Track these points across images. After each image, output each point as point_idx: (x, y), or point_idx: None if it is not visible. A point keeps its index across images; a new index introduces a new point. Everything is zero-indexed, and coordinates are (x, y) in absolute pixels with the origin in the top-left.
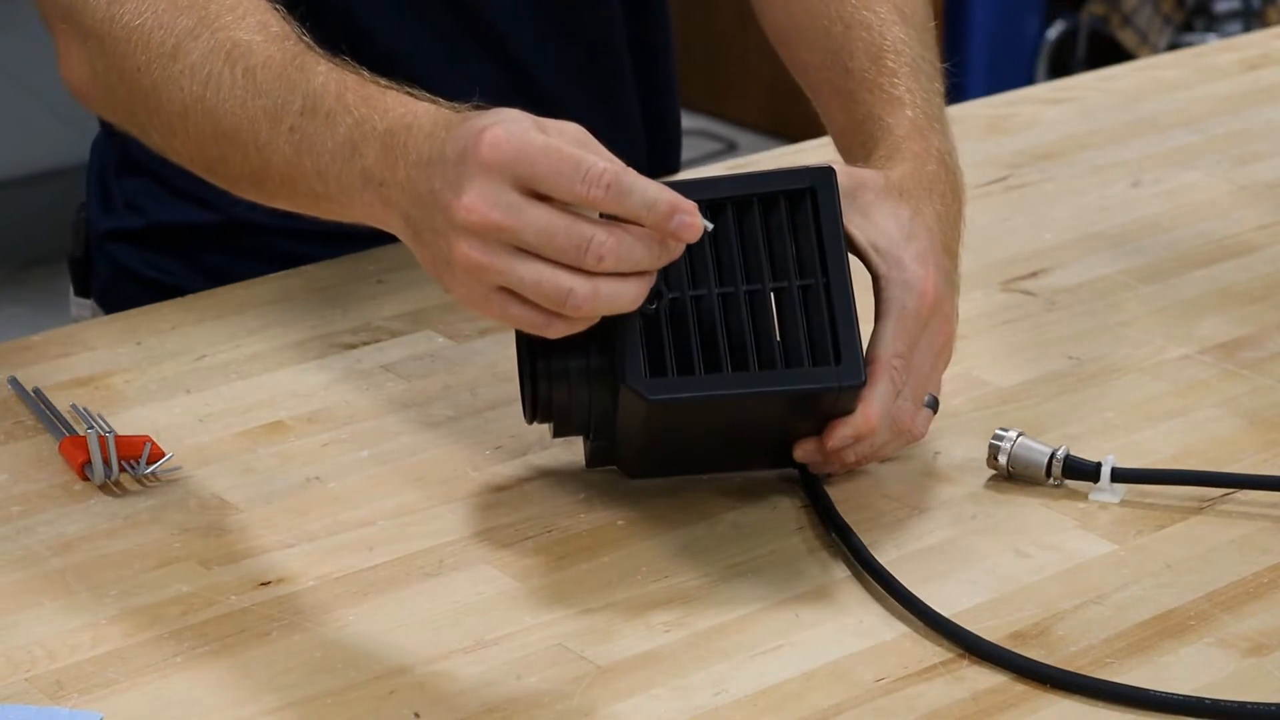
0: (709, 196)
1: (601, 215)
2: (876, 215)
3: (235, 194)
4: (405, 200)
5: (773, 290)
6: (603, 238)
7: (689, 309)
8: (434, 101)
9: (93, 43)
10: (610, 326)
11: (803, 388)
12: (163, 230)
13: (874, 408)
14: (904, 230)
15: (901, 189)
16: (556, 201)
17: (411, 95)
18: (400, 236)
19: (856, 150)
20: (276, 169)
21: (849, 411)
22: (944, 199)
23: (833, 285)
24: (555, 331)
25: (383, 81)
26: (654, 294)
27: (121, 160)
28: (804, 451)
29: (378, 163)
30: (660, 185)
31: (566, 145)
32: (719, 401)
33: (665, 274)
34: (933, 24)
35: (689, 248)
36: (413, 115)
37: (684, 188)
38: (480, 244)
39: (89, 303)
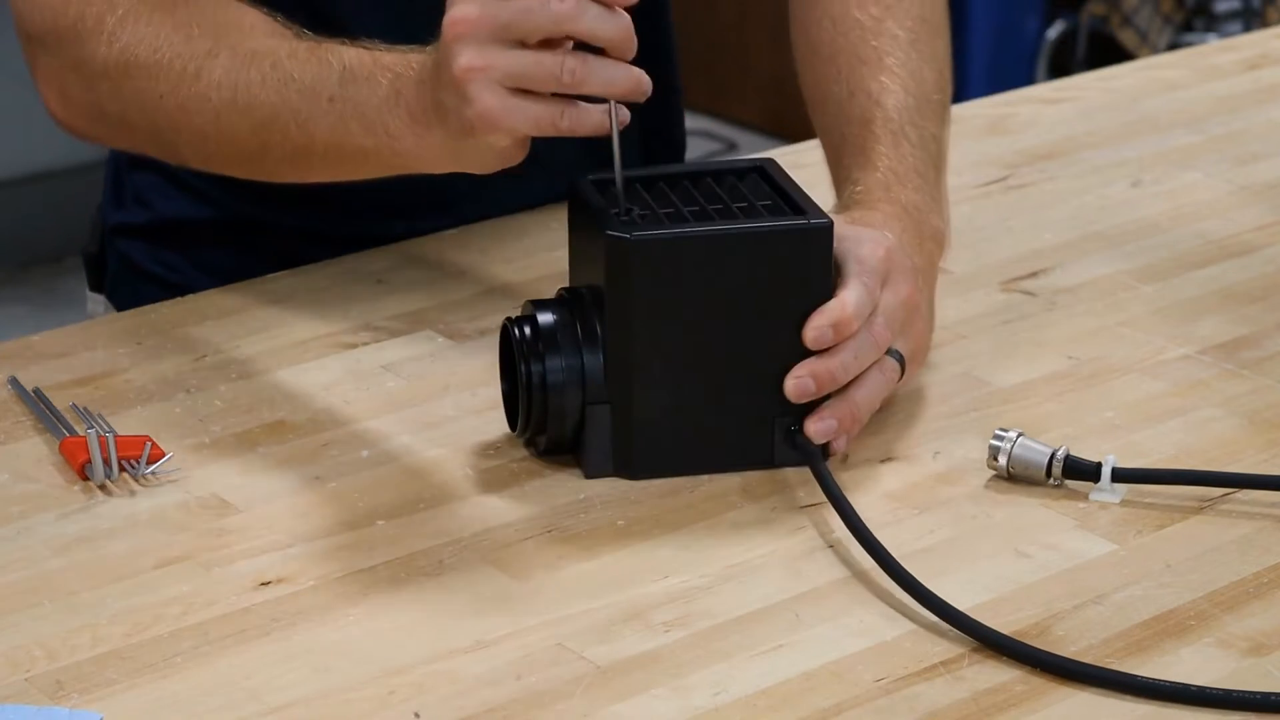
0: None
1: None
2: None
3: (277, 181)
4: (432, 109)
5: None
6: (572, 3)
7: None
8: None
9: (104, 84)
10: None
11: (775, 225)
12: (167, 225)
13: (849, 294)
14: (860, 230)
15: (859, 223)
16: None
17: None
18: (437, 145)
19: (836, 207)
20: (321, 139)
21: (825, 289)
22: (904, 232)
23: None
24: (571, 123)
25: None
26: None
27: (133, 155)
28: (795, 382)
29: (413, 95)
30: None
31: None
32: (697, 247)
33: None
34: (945, 92)
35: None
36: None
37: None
38: (475, 48)
39: (101, 298)
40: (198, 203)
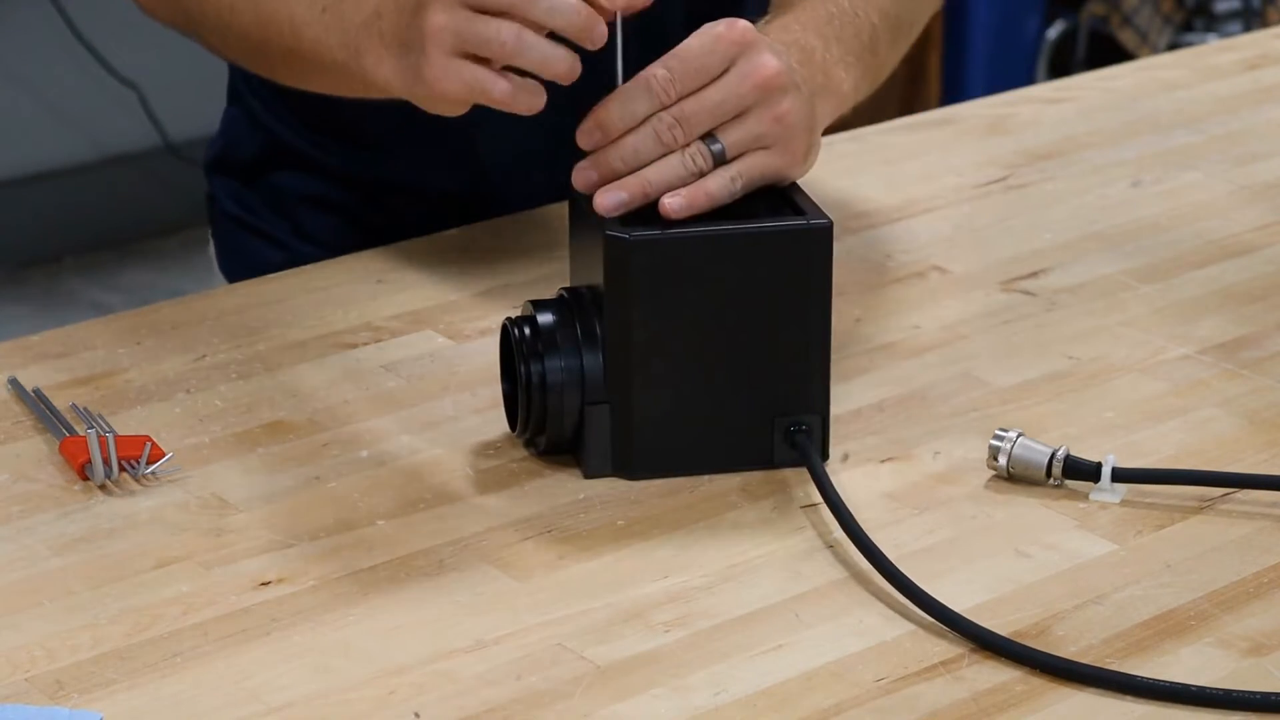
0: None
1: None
2: None
3: (279, 81)
4: (396, 42)
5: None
6: None
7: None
8: None
9: None
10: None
11: (774, 225)
12: (234, 156)
13: (616, 93)
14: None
15: None
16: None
17: None
18: (391, 75)
19: None
20: (308, 46)
21: (825, 289)
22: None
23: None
24: (502, 94)
25: None
26: None
27: (231, 91)
28: (578, 173)
29: (393, 22)
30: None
31: None
32: (697, 246)
33: None
34: (901, 6)
35: None
36: None
37: None
38: (446, 10)
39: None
40: (260, 133)
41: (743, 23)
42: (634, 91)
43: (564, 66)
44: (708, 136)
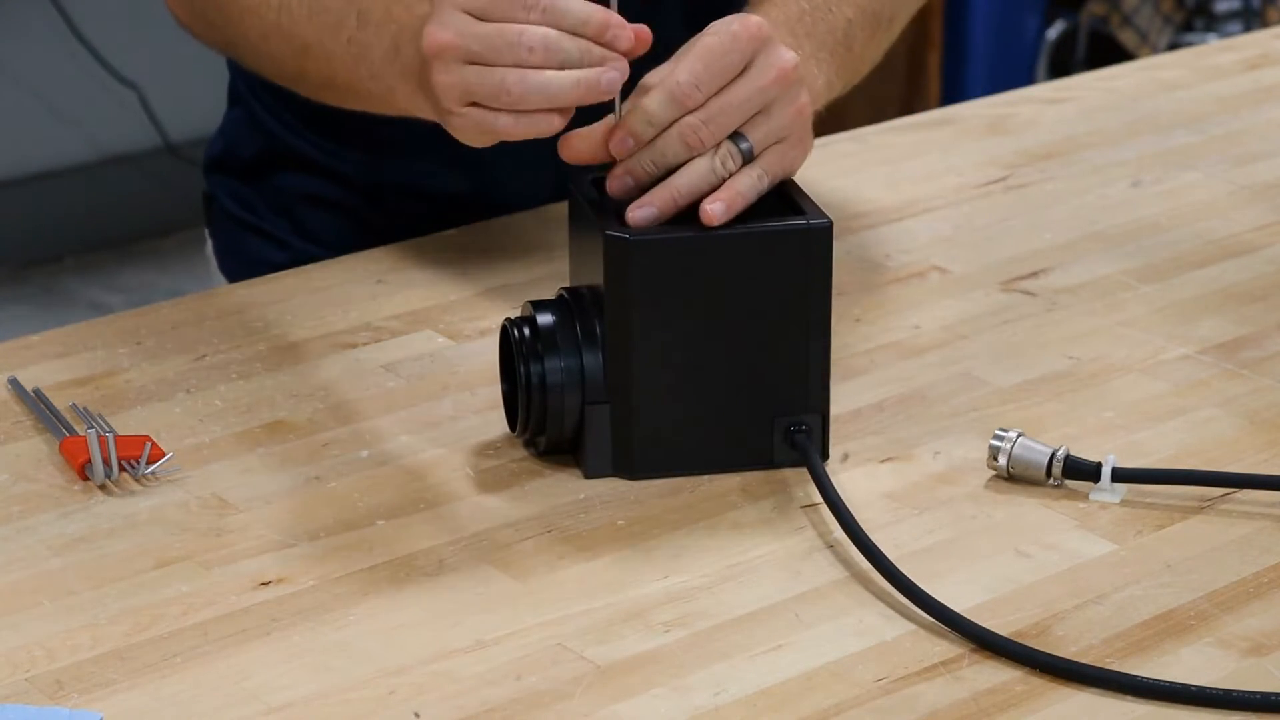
0: None
1: None
2: None
3: (320, 101)
4: (417, 71)
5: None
6: (533, 30)
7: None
8: None
9: None
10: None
11: (774, 225)
12: (235, 156)
13: (646, 99)
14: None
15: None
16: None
17: None
18: (428, 110)
19: None
20: (341, 76)
21: (825, 289)
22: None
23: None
24: (513, 126)
25: None
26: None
27: (231, 94)
28: (613, 180)
29: (413, 58)
30: (594, 5)
31: None
32: (697, 247)
33: None
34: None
35: None
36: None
37: None
38: (443, 66)
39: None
40: (259, 137)
41: (754, 18)
42: (660, 98)
43: (568, 82)
44: (735, 135)
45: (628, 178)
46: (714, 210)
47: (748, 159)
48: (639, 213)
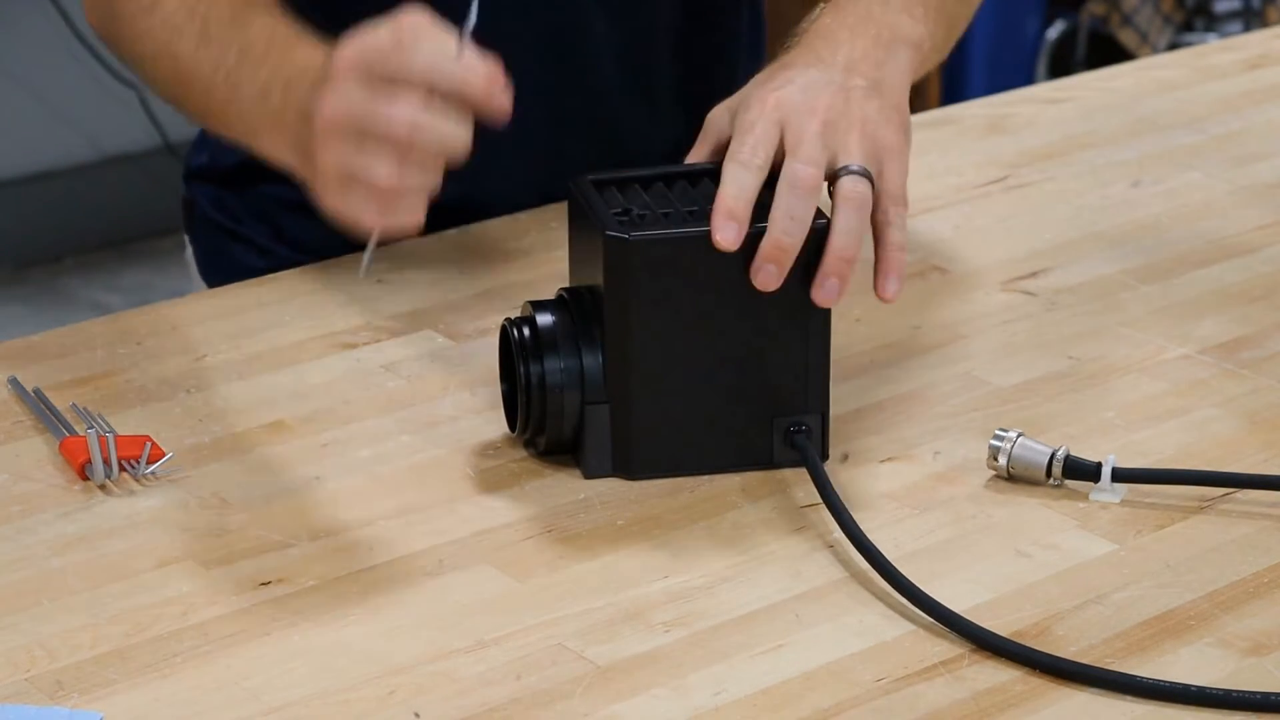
0: None
1: None
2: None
3: (200, 126)
4: (294, 131)
5: None
6: (404, 113)
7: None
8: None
9: None
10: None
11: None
12: (227, 169)
13: (724, 184)
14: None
15: (784, 64)
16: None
17: (325, 46)
18: (299, 171)
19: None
20: (216, 109)
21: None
22: (853, 33)
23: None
24: (398, 213)
25: (309, 34)
26: None
27: None
28: (759, 274)
29: (280, 105)
30: (472, 66)
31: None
32: (697, 247)
33: None
34: None
35: None
36: (312, 61)
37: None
38: (326, 141)
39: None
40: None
41: (775, 90)
42: (735, 172)
43: (462, 144)
44: (842, 170)
45: (772, 265)
46: (894, 291)
47: (868, 177)
48: (823, 292)
